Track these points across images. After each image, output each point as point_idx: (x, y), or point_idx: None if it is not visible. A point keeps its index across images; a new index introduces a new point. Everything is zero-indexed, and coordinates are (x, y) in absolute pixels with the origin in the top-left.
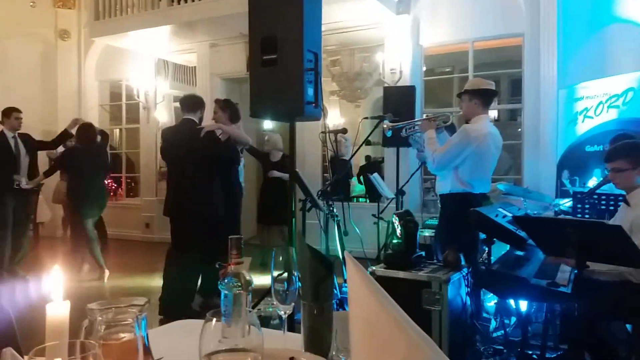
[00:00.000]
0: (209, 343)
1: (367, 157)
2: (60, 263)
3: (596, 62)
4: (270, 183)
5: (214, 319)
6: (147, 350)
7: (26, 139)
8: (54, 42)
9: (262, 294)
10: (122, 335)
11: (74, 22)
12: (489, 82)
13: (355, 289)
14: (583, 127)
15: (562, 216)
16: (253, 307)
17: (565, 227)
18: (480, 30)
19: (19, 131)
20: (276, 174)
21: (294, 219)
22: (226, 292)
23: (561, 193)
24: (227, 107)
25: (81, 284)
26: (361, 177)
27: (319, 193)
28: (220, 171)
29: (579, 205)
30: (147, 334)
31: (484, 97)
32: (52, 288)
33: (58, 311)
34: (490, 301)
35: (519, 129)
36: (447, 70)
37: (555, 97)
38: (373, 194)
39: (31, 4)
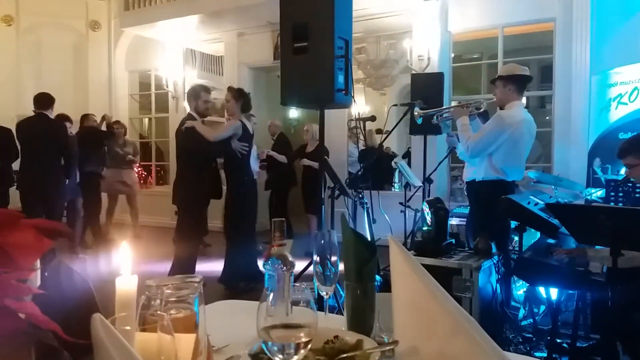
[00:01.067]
0: (263, 319)
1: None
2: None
3: (630, 47)
4: (306, 173)
5: (271, 296)
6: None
7: None
8: (85, 32)
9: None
10: (175, 311)
11: (104, 13)
12: (523, 67)
13: (399, 270)
14: (617, 113)
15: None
16: None
17: (599, 214)
18: (511, 16)
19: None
20: (306, 162)
21: (323, 206)
22: (270, 272)
23: (593, 181)
24: (240, 97)
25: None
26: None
27: (347, 181)
28: (192, 163)
29: (612, 194)
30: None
31: (518, 83)
32: (121, 263)
33: (127, 285)
34: (519, 289)
35: (547, 117)
36: (475, 56)
37: (587, 83)
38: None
39: None
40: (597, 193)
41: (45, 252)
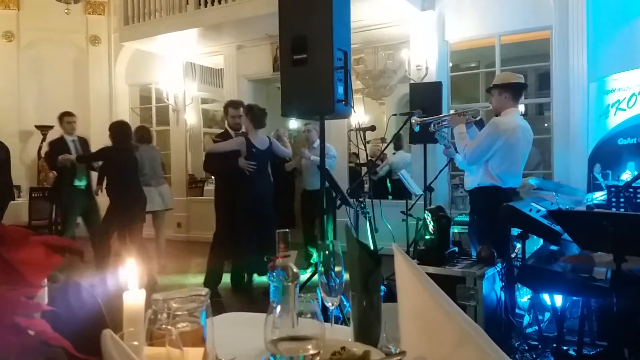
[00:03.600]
0: (270, 332)
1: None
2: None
3: (627, 53)
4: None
5: (278, 309)
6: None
7: (84, 142)
8: (85, 47)
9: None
10: (182, 324)
11: (104, 27)
12: (518, 75)
13: (405, 280)
14: (615, 119)
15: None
16: None
17: (602, 220)
18: (507, 24)
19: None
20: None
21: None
22: (275, 284)
23: (593, 187)
24: (248, 113)
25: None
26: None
27: (349, 190)
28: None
29: (614, 199)
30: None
31: (514, 91)
32: (128, 278)
33: (134, 299)
34: (523, 297)
35: (546, 124)
36: (473, 65)
37: (585, 90)
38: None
39: (66, 10)
40: (600, 197)
41: (55, 268)
